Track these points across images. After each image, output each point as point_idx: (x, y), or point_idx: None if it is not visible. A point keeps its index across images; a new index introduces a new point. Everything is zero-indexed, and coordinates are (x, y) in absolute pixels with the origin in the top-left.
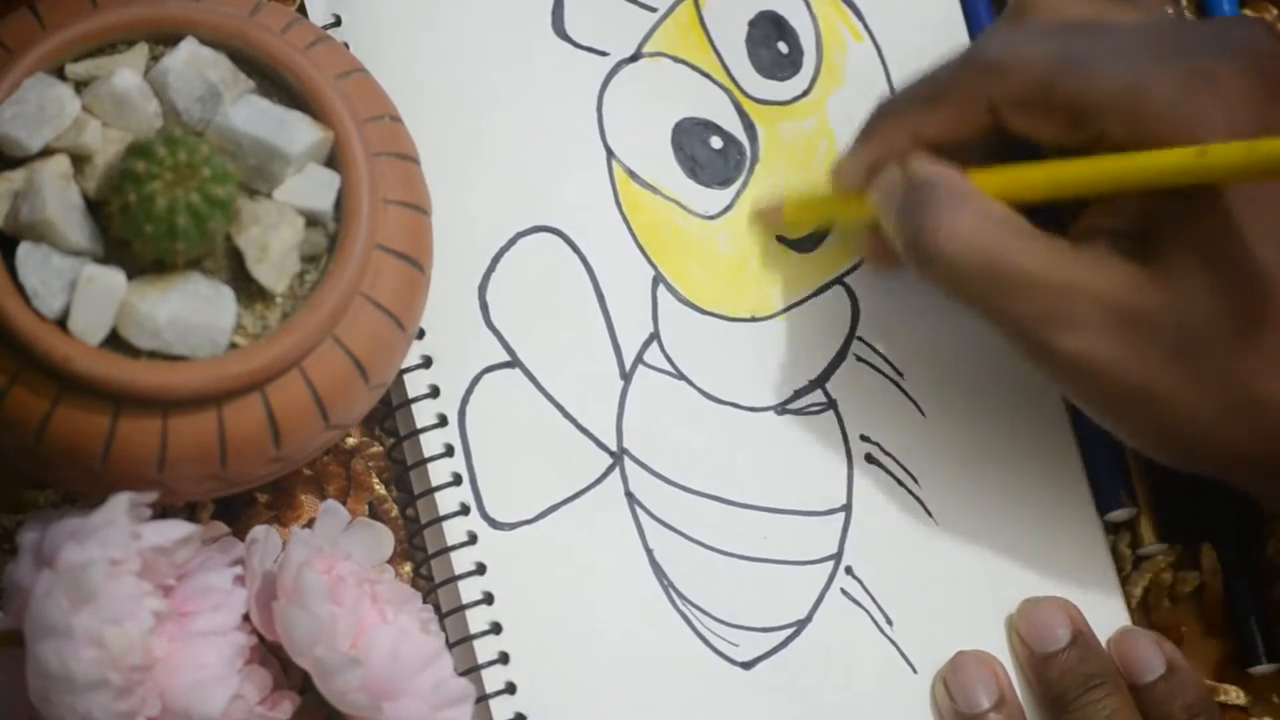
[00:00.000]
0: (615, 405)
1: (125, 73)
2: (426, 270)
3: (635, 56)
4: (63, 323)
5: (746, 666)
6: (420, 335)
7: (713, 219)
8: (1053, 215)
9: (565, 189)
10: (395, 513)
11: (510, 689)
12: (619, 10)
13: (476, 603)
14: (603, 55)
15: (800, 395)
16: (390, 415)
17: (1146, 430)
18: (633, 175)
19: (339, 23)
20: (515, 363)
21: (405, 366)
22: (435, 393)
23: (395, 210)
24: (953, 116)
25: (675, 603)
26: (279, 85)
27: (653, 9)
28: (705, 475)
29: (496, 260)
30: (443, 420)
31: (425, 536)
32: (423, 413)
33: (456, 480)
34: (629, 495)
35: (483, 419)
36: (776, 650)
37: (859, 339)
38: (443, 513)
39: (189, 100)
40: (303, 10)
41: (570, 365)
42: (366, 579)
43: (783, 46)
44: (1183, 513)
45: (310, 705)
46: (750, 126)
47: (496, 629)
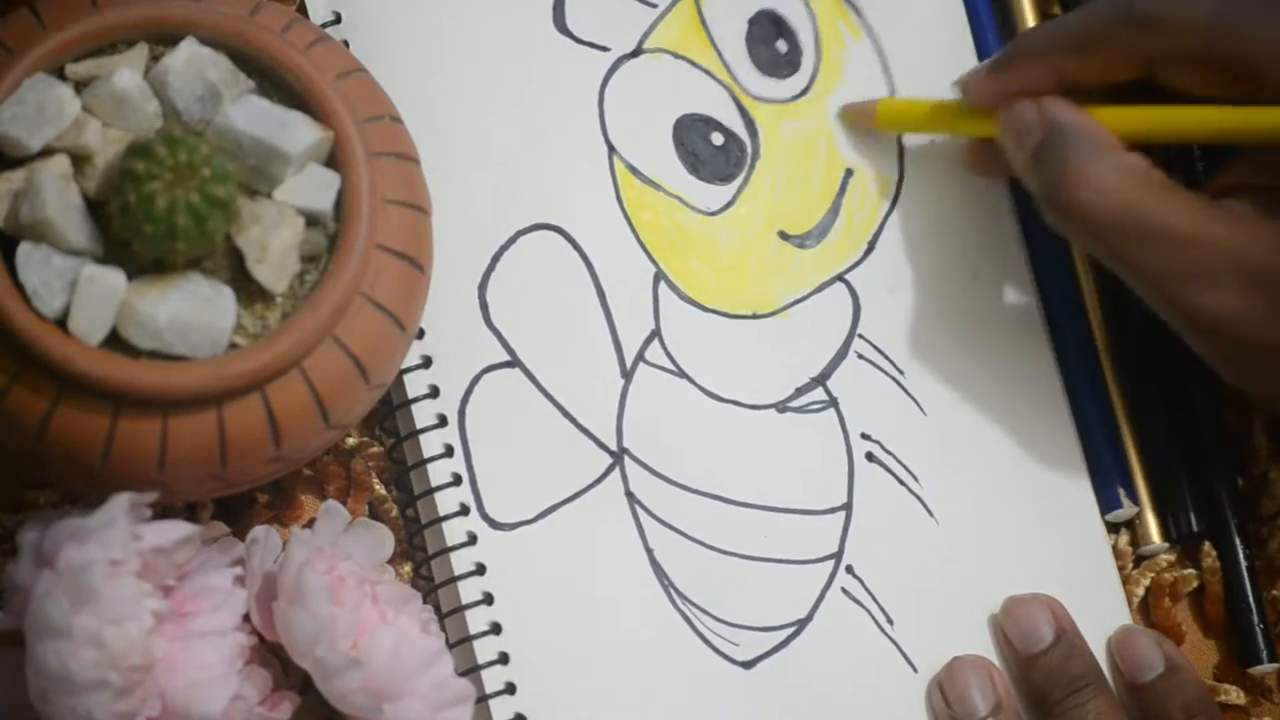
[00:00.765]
0: (615, 404)
1: (125, 73)
2: (426, 270)
3: (636, 52)
4: (63, 323)
5: (747, 666)
6: (420, 335)
7: (714, 215)
8: (1187, 174)
9: (566, 186)
10: (395, 513)
11: (510, 689)
12: (620, 6)
13: (476, 603)
14: (604, 51)
15: (801, 393)
16: (390, 415)
17: (1275, 385)
18: (634, 171)
19: (339, 20)
20: (515, 362)
21: (405, 366)
22: (435, 393)
23: (395, 210)
24: (1102, 65)
25: (675, 602)
26: (279, 85)
27: (653, 5)
28: (706, 474)
29: (496, 259)
30: (443, 420)
31: (425, 537)
32: (422, 413)
33: (456, 480)
34: (629, 495)
35: (483, 419)
36: (777, 649)
37: (860, 336)
38: (443, 513)
39: (189, 100)
40: (303, 10)
41: (570, 364)
42: (367, 579)
43: (782, 45)
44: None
45: (310, 705)
46: (751, 123)
47: (496, 629)
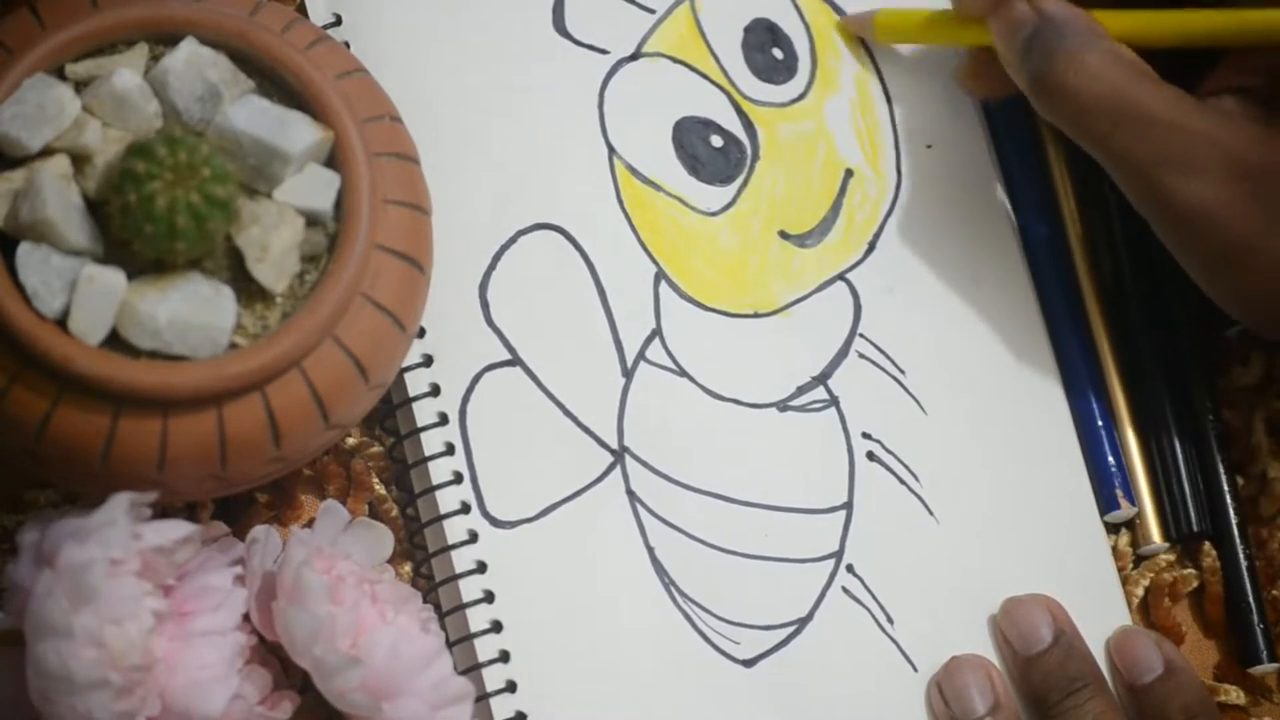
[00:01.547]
0: (616, 403)
1: (125, 73)
2: (426, 270)
3: (635, 56)
4: (63, 323)
5: (747, 664)
6: (421, 334)
7: (714, 215)
8: (1180, 76)
9: (567, 186)
10: (395, 512)
11: (511, 687)
12: (619, 10)
13: (477, 601)
14: (603, 53)
15: (802, 392)
16: (390, 414)
17: (1243, 288)
18: (634, 172)
19: (339, 22)
20: (516, 361)
21: (406, 365)
22: (436, 391)
23: (395, 210)
24: None
25: (676, 600)
26: (279, 85)
27: (651, 10)
28: (706, 473)
29: (497, 258)
30: (443, 419)
31: (426, 535)
32: (423, 411)
33: (457, 479)
34: (630, 493)
35: (483, 417)
36: (777, 648)
37: (861, 336)
38: (443, 511)
39: (189, 100)
40: (303, 10)
41: (571, 363)
42: (366, 579)
43: (777, 52)
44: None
45: (310, 705)
46: (750, 126)
47: (497, 627)
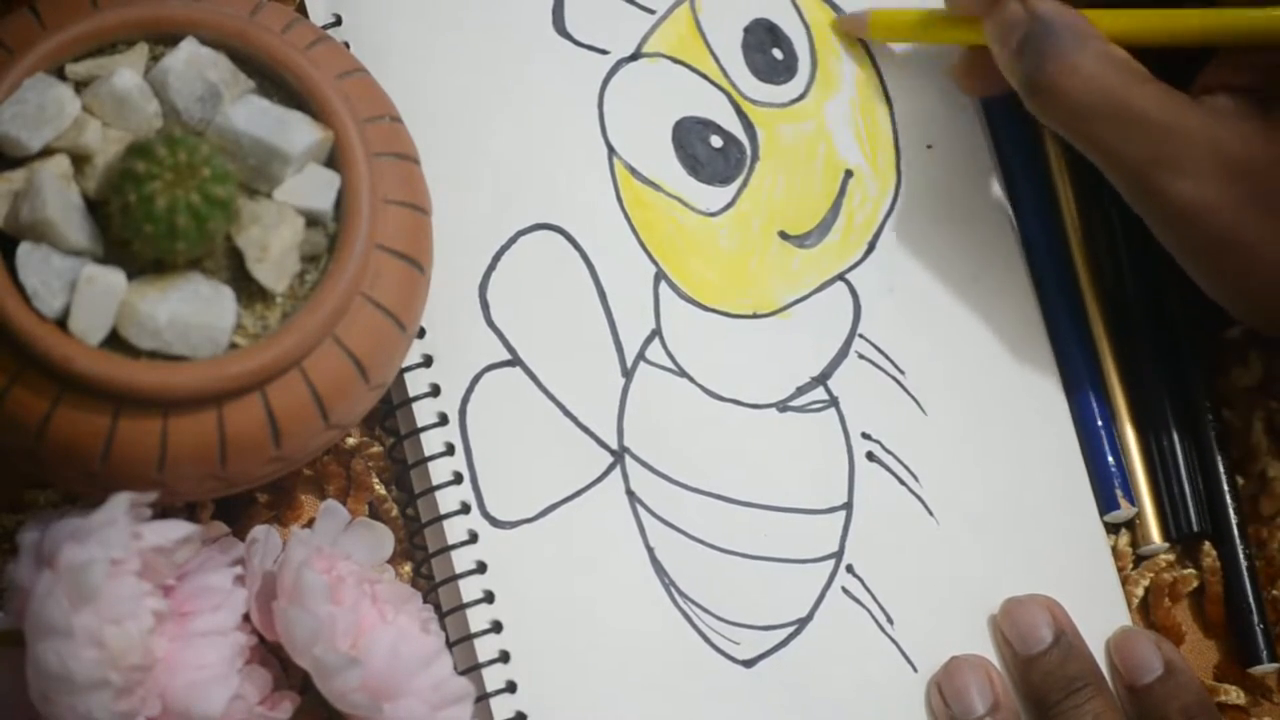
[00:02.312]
0: (616, 403)
1: (125, 73)
2: (426, 270)
3: (635, 56)
4: (63, 323)
5: (747, 665)
6: (421, 334)
7: (714, 216)
8: (1173, 74)
9: (566, 186)
10: (395, 512)
11: (511, 688)
12: (618, 10)
13: (477, 601)
14: (603, 54)
15: (802, 392)
16: (390, 414)
17: (1238, 283)
18: (634, 172)
19: (339, 22)
20: (516, 361)
21: (406, 365)
22: (436, 391)
23: (395, 210)
24: None
25: (676, 601)
26: (279, 85)
27: (651, 11)
28: (706, 473)
29: (497, 259)
30: (443, 419)
31: (426, 535)
32: (423, 411)
33: (457, 479)
34: (630, 493)
35: (483, 417)
36: (777, 649)
37: (861, 336)
38: (443, 511)
39: (189, 100)
40: (303, 10)
41: (571, 363)
42: (366, 579)
43: (777, 53)
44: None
45: (310, 705)
46: (749, 126)
47: (497, 627)
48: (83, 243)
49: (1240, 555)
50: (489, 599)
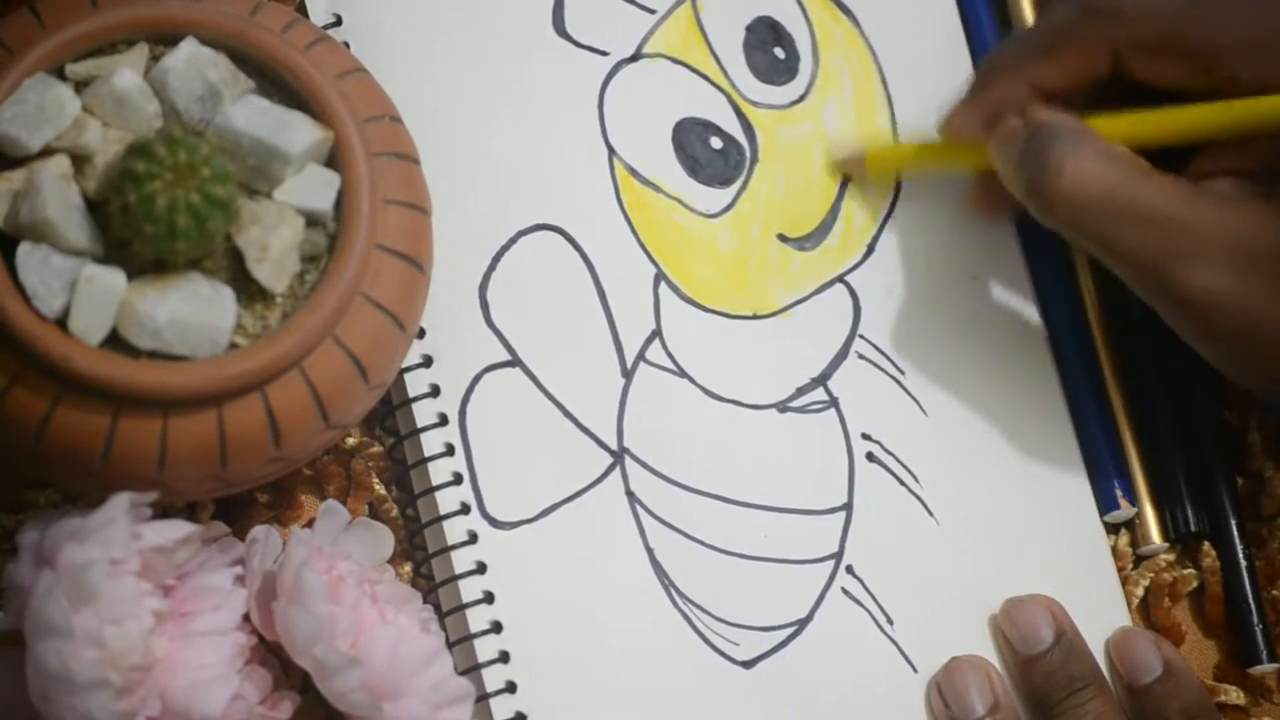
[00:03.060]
0: (616, 404)
1: (125, 73)
2: (426, 270)
3: (635, 57)
4: (63, 323)
5: (747, 665)
6: (421, 334)
7: (714, 217)
8: (1166, 159)
9: (566, 187)
10: (395, 513)
11: (511, 688)
12: (619, 10)
13: (477, 602)
14: (603, 55)
15: (802, 393)
16: (390, 415)
17: (1266, 370)
18: (634, 173)
19: (339, 22)
20: (516, 362)
21: (406, 366)
22: (436, 392)
23: (395, 210)
24: (1072, 65)
25: (676, 602)
26: (279, 85)
27: (651, 10)
28: (706, 474)
29: (497, 259)
30: (443, 419)
31: (425, 536)
32: (423, 412)
33: (457, 479)
34: (630, 494)
35: (483, 418)
36: (777, 649)
37: (861, 337)
38: (443, 512)
39: (189, 100)
40: (303, 10)
41: (571, 364)
42: (366, 579)
43: (779, 52)
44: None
45: (310, 705)
46: (749, 128)
47: (497, 628)
48: (83, 243)
49: (1240, 555)
50: (489, 599)
